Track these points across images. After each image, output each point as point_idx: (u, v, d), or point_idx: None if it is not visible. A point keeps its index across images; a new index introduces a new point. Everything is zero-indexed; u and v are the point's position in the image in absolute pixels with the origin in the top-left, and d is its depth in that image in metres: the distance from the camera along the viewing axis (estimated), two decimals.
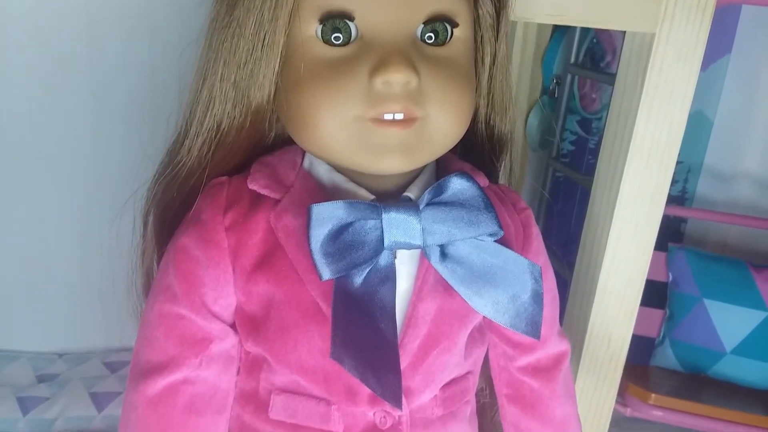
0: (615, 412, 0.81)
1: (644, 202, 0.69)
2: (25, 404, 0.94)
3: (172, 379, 0.46)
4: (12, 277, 1.03)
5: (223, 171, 0.48)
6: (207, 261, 0.46)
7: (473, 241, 0.44)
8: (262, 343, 0.47)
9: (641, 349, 1.11)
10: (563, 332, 0.58)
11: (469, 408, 0.54)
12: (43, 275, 1.03)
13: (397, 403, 0.42)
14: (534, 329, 0.46)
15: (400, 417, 0.47)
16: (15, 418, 0.91)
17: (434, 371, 0.48)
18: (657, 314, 1.11)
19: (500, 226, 0.43)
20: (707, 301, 1.05)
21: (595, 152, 1.07)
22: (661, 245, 0.71)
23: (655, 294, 1.11)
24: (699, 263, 1.07)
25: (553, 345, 0.56)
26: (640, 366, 1.11)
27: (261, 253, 0.45)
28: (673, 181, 0.69)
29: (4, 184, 0.96)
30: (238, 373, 0.50)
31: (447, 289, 0.46)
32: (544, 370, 0.56)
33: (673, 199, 0.69)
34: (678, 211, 1.16)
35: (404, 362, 0.46)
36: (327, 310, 0.44)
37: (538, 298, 0.45)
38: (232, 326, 0.49)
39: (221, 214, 0.46)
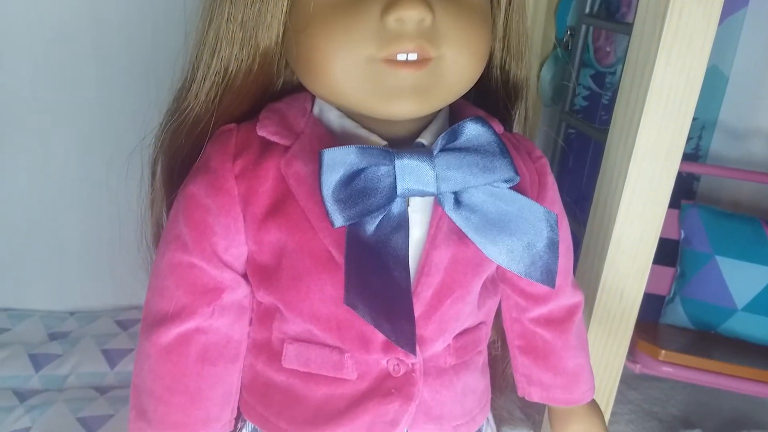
0: (624, 370, 0.81)
1: (660, 154, 0.67)
2: (37, 361, 0.94)
3: (185, 328, 0.46)
4: (20, 237, 1.03)
5: (232, 118, 0.47)
6: (217, 209, 0.45)
7: (488, 188, 0.43)
8: (274, 293, 0.46)
9: (651, 307, 1.11)
10: (577, 284, 0.57)
11: (482, 359, 0.54)
12: (51, 234, 1.03)
13: (411, 349, 0.41)
14: (549, 278, 0.45)
15: (413, 365, 0.47)
16: (28, 375, 0.92)
17: (447, 320, 0.47)
18: (667, 272, 1.10)
19: (516, 172, 0.42)
20: (719, 258, 1.04)
21: (608, 108, 1.04)
22: (673, 203, 0.70)
23: (665, 252, 1.09)
24: (712, 220, 1.06)
25: (567, 296, 0.55)
26: (650, 323, 1.10)
27: (272, 201, 0.45)
28: (687, 139, 0.67)
29: (8, 140, 0.95)
30: (250, 323, 0.50)
31: (461, 237, 0.45)
32: (557, 322, 0.55)
33: (686, 157, 0.68)
34: (692, 168, 1.14)
35: (417, 311, 0.45)
36: (339, 258, 0.43)
37: (553, 246, 0.45)
38: (244, 276, 0.48)
39: (230, 162, 0.45)
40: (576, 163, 1.00)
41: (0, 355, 0.94)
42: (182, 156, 0.48)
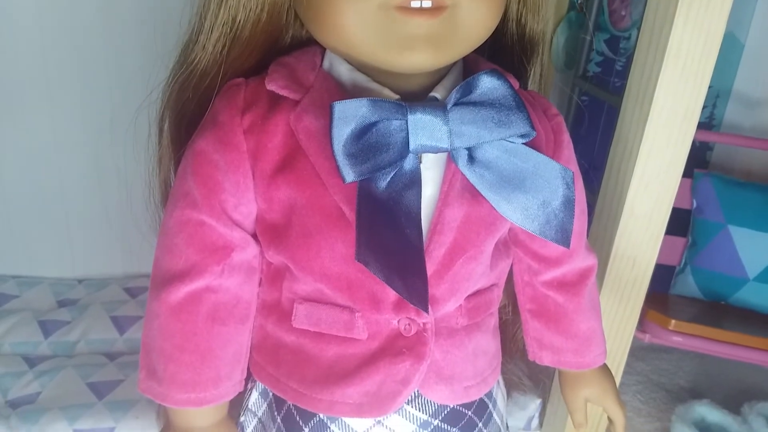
0: (633, 341, 0.80)
1: (677, 118, 0.66)
2: (46, 327, 0.95)
3: (195, 287, 0.45)
4: (28, 204, 1.02)
5: (240, 71, 0.46)
6: (226, 165, 0.44)
7: (503, 144, 0.42)
8: (284, 251, 0.46)
9: (661, 277, 1.10)
10: (590, 247, 0.56)
11: (493, 321, 0.54)
12: (59, 201, 1.03)
13: (424, 307, 0.41)
14: (564, 237, 0.44)
15: (424, 324, 0.46)
16: (37, 341, 0.92)
17: (459, 280, 0.46)
18: (679, 242, 1.09)
19: (532, 127, 0.41)
20: (731, 228, 1.02)
21: (622, 75, 1.02)
22: (686, 172, 0.69)
23: (677, 221, 1.08)
24: (725, 189, 1.04)
25: (580, 259, 0.54)
26: (660, 294, 1.10)
27: (281, 156, 0.44)
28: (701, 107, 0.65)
29: (16, 103, 0.95)
30: (259, 284, 0.50)
31: (474, 195, 0.44)
32: (569, 285, 0.55)
33: (700, 126, 0.66)
34: (705, 136, 1.12)
35: (429, 270, 0.44)
36: (350, 214, 0.43)
37: (569, 204, 0.44)
38: (253, 236, 0.48)
39: (239, 116, 0.44)
40: (588, 131, 0.98)
41: (9, 322, 0.94)
42: (190, 111, 0.47)
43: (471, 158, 0.42)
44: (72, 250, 1.07)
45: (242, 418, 0.53)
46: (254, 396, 0.52)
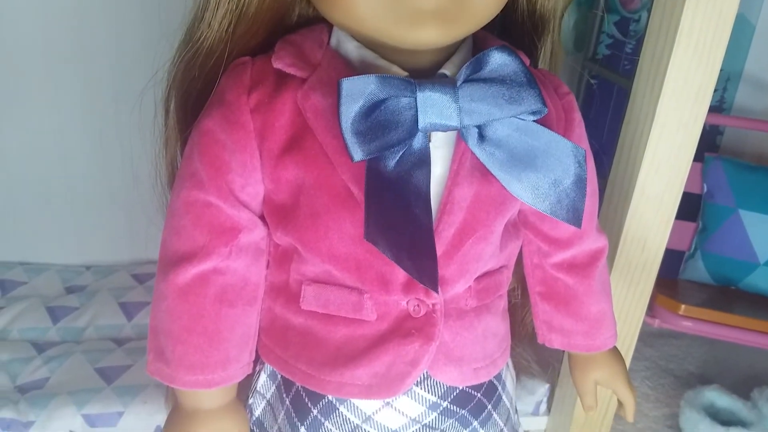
0: (642, 326, 0.79)
1: (689, 98, 0.65)
2: (54, 313, 0.95)
3: (202, 269, 0.45)
4: (33, 189, 1.02)
5: (246, 50, 0.46)
6: (233, 145, 0.44)
7: (513, 122, 0.41)
8: (292, 232, 0.45)
9: (670, 263, 1.09)
10: (601, 228, 0.56)
11: (503, 303, 0.53)
12: (66, 187, 1.03)
13: (434, 287, 0.40)
14: (575, 217, 0.43)
15: (434, 305, 0.45)
16: (45, 327, 0.93)
17: (469, 260, 0.46)
18: (689, 227, 1.08)
19: (544, 104, 0.40)
20: (742, 212, 1.01)
21: (632, 57, 1.01)
22: (696, 156, 0.68)
23: (687, 206, 1.07)
24: (736, 173, 1.03)
25: (591, 241, 0.54)
26: (669, 279, 1.09)
27: (288, 136, 0.43)
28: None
29: (20, 87, 0.94)
30: (267, 266, 0.49)
31: (484, 174, 0.44)
32: (579, 267, 0.54)
33: (710, 109, 0.65)
34: (716, 119, 1.11)
35: (439, 250, 0.44)
36: (359, 194, 0.42)
37: (581, 183, 0.43)
38: (261, 218, 0.47)
39: (246, 95, 0.43)
40: (598, 114, 0.97)
41: (17, 308, 0.94)
42: (196, 91, 0.47)
43: (481, 136, 0.41)
44: (78, 237, 1.07)
45: (251, 401, 0.53)
46: (263, 378, 0.52)
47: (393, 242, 0.39)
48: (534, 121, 0.42)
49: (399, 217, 0.40)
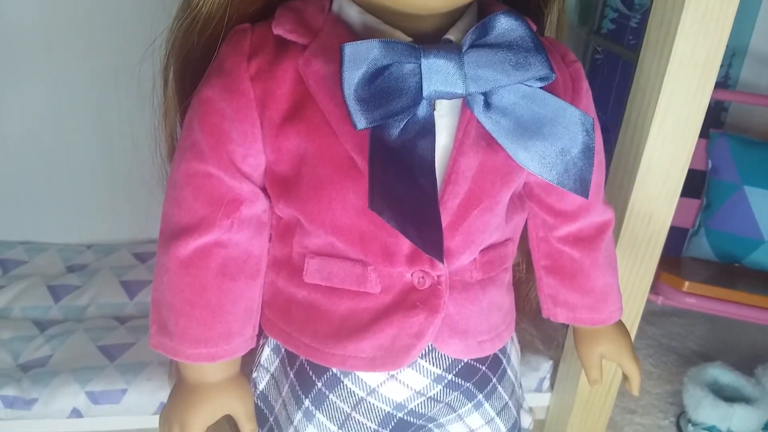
0: (645, 304, 0.79)
1: (696, 69, 0.64)
2: (56, 292, 0.95)
3: (204, 241, 0.44)
4: (32, 168, 1.02)
5: (245, 16, 0.45)
6: (233, 114, 0.43)
7: (520, 89, 0.41)
8: (295, 204, 0.45)
9: (674, 240, 1.09)
10: (607, 201, 0.55)
11: (507, 276, 0.53)
12: (66, 166, 1.02)
13: (439, 257, 0.40)
14: (582, 187, 0.43)
15: (438, 277, 0.45)
16: (47, 306, 0.92)
17: (474, 232, 0.45)
18: (693, 204, 1.08)
19: (552, 69, 0.39)
20: (747, 188, 1.01)
21: (637, 32, 1.00)
22: (700, 133, 0.67)
23: (691, 183, 1.06)
24: (741, 149, 1.02)
25: (597, 213, 0.53)
26: (673, 257, 1.08)
27: (290, 104, 0.42)
28: None
29: (20, 66, 0.93)
30: (270, 240, 0.49)
31: (490, 143, 0.43)
32: (585, 240, 0.53)
33: (715, 85, 0.64)
34: (721, 95, 1.10)
35: (444, 221, 0.43)
36: (362, 164, 0.41)
37: (588, 152, 0.42)
38: (263, 190, 0.46)
39: (246, 62, 0.42)
40: (602, 90, 0.96)
41: (19, 287, 0.94)
42: (195, 59, 0.46)
43: (487, 104, 0.41)
44: (79, 216, 1.07)
45: (255, 374, 0.53)
46: (266, 352, 0.52)
47: (397, 212, 0.38)
48: (541, 88, 0.41)
49: (403, 186, 0.39)
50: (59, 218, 1.06)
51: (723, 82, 1.19)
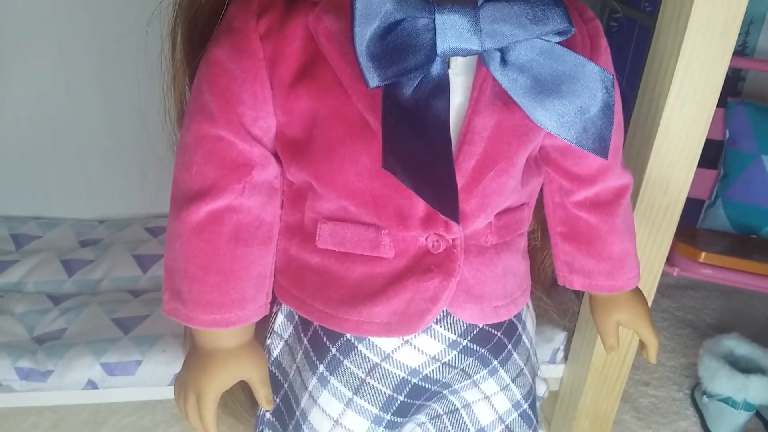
0: (660, 277, 0.78)
1: (714, 34, 0.62)
2: (69, 266, 0.95)
3: (216, 206, 0.44)
4: (45, 145, 1.01)
5: None
6: (242, 74, 0.42)
7: (537, 45, 0.39)
8: (306, 167, 0.44)
9: (690, 212, 1.07)
10: (625, 164, 0.54)
11: (523, 242, 0.52)
12: (76, 141, 1.02)
13: (455, 217, 0.39)
14: (602, 147, 0.42)
15: (453, 241, 0.44)
16: (61, 279, 0.93)
17: (490, 194, 0.44)
18: (709, 175, 1.06)
19: (571, 23, 0.38)
20: (766, 158, 0.99)
21: None
22: (717, 102, 0.65)
23: (708, 154, 1.05)
24: (759, 118, 1.00)
25: (615, 177, 0.52)
26: (688, 228, 1.07)
27: (300, 63, 0.41)
28: None
29: (28, 41, 0.92)
30: (282, 206, 0.48)
31: (506, 102, 0.42)
32: (603, 204, 0.52)
33: (732, 53, 0.63)
34: (739, 63, 1.07)
35: (459, 183, 0.42)
36: (375, 124, 0.40)
37: (608, 111, 0.41)
38: (274, 155, 0.46)
39: (254, 21, 0.41)
40: (618, 55, 0.94)
41: (32, 261, 0.94)
42: (202, 20, 0.45)
43: (503, 61, 0.39)
44: (91, 191, 1.07)
45: (269, 341, 0.52)
46: (280, 319, 0.52)
47: (411, 172, 0.38)
48: (558, 44, 0.40)
49: (417, 146, 0.38)
50: (71, 193, 1.07)
51: (740, 51, 1.16)
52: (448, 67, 0.40)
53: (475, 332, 0.48)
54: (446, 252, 0.44)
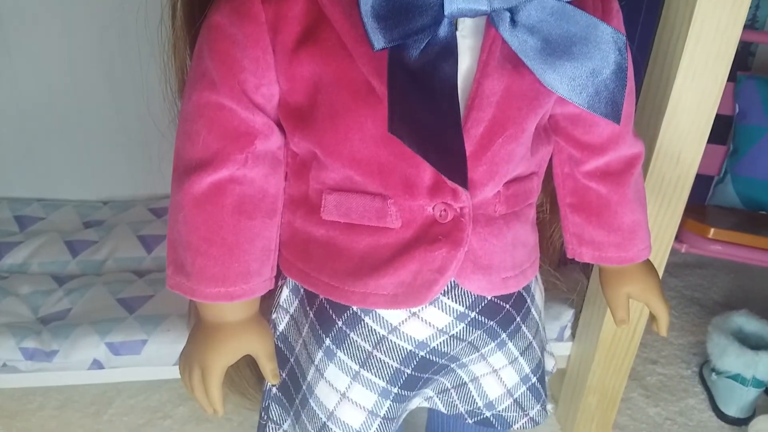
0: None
1: (726, 2, 0.61)
2: (73, 247, 0.94)
3: (218, 177, 0.43)
4: (48, 127, 1.01)
5: None
6: (244, 39, 0.41)
7: (548, 5, 0.38)
8: (311, 136, 0.43)
9: (698, 188, 1.06)
10: (636, 133, 0.52)
11: (532, 212, 0.51)
12: (79, 123, 1.01)
13: (463, 183, 0.38)
14: (614, 111, 0.40)
15: (461, 210, 0.43)
16: (65, 260, 0.92)
17: (499, 162, 0.43)
18: (718, 150, 1.05)
19: None
20: None
21: None
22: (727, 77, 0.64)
23: (717, 129, 1.03)
24: None
25: (626, 146, 0.51)
26: (697, 205, 1.06)
27: (303, 27, 0.40)
28: None
29: (28, 18, 0.91)
30: (285, 178, 0.47)
31: (516, 66, 0.41)
32: (614, 174, 0.51)
33: (743, 27, 0.61)
34: (750, 36, 1.05)
35: (467, 150, 0.41)
36: (380, 88, 0.39)
37: (621, 74, 0.40)
38: (278, 125, 0.45)
39: None
40: (627, 25, 0.92)
41: (36, 242, 0.94)
42: None
43: (513, 22, 0.38)
44: (94, 173, 1.06)
45: (274, 316, 0.52)
46: (285, 293, 0.51)
47: (419, 137, 0.37)
48: (570, 3, 0.38)
49: (425, 111, 0.37)
50: (75, 175, 1.06)
51: (750, 24, 1.14)
52: (456, 28, 0.39)
53: (483, 304, 0.47)
54: (454, 221, 0.43)
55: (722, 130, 1.04)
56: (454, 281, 0.46)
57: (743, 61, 1.18)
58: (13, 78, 0.96)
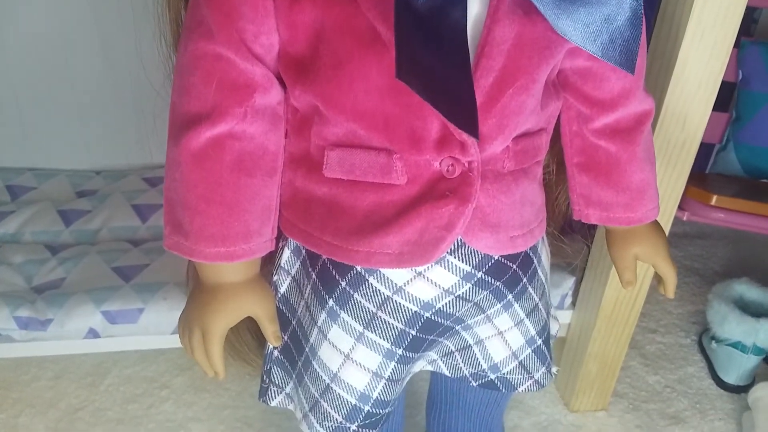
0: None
1: None
2: (67, 216, 0.93)
3: (217, 132, 0.41)
4: (40, 96, 0.98)
5: None
6: None
7: None
8: (312, 88, 0.41)
9: (699, 156, 1.05)
10: (647, 89, 0.51)
11: (540, 171, 0.49)
12: (70, 90, 0.99)
13: (474, 132, 0.36)
14: (628, 60, 0.39)
15: (470, 164, 0.42)
16: (58, 230, 0.91)
17: (509, 114, 0.42)
18: (721, 118, 1.03)
19: None
20: None
21: None
22: None
23: (719, 96, 1.02)
24: None
25: (637, 102, 0.49)
26: (698, 172, 1.05)
27: None
28: None
29: None
30: (286, 135, 0.46)
31: (527, 12, 0.39)
32: (624, 132, 0.50)
33: None
34: (757, 2, 1.03)
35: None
36: (386, 34, 0.38)
37: (637, 21, 0.38)
38: (278, 77, 0.43)
39: None
40: None
41: (28, 212, 0.92)
42: None
43: None
44: (87, 143, 1.04)
45: (275, 278, 0.50)
46: (286, 254, 0.50)
47: (427, 83, 0.35)
48: None
49: (433, 57, 0.36)
50: (67, 144, 1.04)
51: None
52: None
53: (490, 264, 0.46)
54: (462, 176, 0.42)
55: (725, 96, 1.02)
56: (460, 240, 0.44)
57: (746, 27, 1.16)
58: (3, 45, 0.93)
